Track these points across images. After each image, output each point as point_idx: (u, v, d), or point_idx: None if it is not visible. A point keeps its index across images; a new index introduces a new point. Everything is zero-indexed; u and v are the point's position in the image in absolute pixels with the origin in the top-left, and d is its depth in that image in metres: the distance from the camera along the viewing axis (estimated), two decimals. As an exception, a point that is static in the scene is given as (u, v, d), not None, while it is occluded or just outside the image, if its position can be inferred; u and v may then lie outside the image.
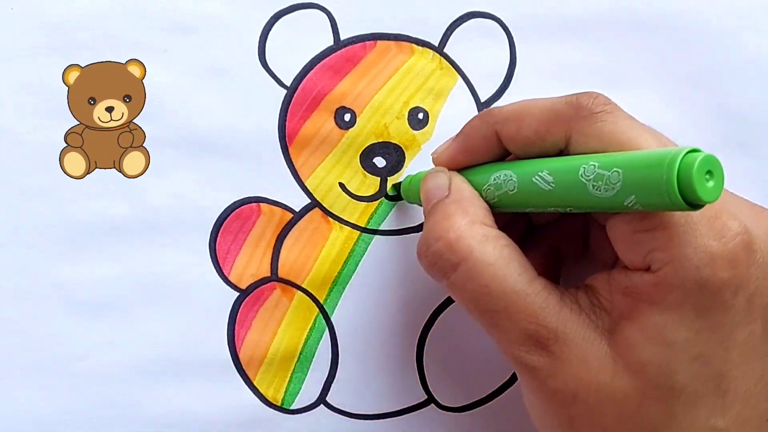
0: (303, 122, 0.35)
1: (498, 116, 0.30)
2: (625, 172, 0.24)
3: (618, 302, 0.26)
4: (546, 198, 0.27)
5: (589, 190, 0.25)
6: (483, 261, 0.27)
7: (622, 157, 0.25)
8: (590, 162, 0.25)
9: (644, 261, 0.25)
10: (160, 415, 0.34)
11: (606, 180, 0.24)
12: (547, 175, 0.27)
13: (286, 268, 0.35)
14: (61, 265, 0.34)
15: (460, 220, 0.28)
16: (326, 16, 0.35)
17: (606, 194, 0.24)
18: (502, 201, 0.29)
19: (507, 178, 0.28)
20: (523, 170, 0.28)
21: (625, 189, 0.24)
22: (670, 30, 0.36)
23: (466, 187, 0.30)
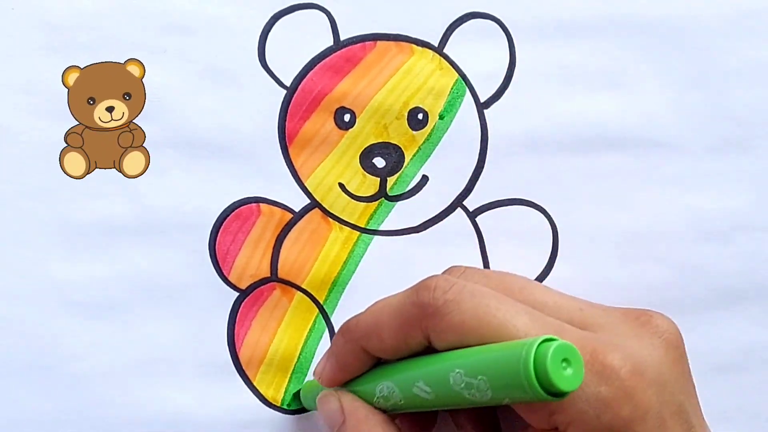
0: (303, 122, 0.35)
1: (357, 332, 0.30)
2: (490, 378, 0.24)
3: None
4: (432, 404, 0.27)
5: (466, 396, 0.25)
6: None
7: (483, 359, 0.24)
8: (456, 370, 0.25)
9: (549, 424, 0.26)
10: (159, 416, 0.34)
11: (476, 387, 0.24)
12: (424, 386, 0.27)
13: (286, 269, 0.35)
14: (60, 265, 0.34)
15: None
16: (326, 16, 0.35)
17: (483, 399, 0.24)
18: (396, 408, 0.29)
19: (390, 390, 0.28)
20: (401, 381, 0.28)
21: (496, 393, 0.24)
22: (669, 31, 0.36)
23: (358, 406, 0.30)
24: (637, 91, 0.36)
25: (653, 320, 0.28)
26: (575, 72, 0.36)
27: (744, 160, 0.36)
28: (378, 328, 0.29)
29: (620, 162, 0.36)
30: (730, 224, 0.36)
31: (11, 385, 0.33)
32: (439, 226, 0.36)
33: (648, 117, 0.36)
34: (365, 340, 0.30)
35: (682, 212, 0.36)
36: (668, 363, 0.27)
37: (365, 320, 0.30)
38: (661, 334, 0.28)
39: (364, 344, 0.30)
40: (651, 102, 0.36)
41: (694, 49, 0.36)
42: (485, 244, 0.36)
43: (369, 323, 0.29)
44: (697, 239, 0.36)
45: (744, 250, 0.36)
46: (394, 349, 0.29)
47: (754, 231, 0.36)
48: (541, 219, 0.36)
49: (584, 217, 0.36)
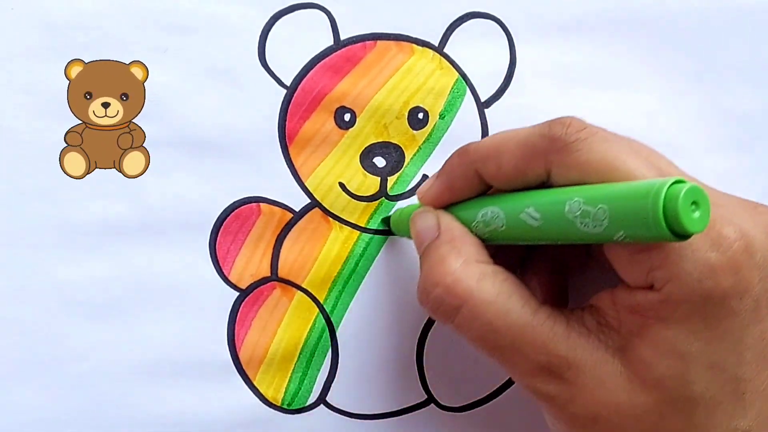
0: (303, 122, 0.35)
1: (476, 155, 0.29)
2: (611, 208, 0.24)
3: (626, 320, 0.26)
4: (536, 234, 0.27)
5: (578, 227, 0.25)
6: (484, 300, 0.27)
7: (606, 191, 0.24)
8: (575, 198, 0.25)
9: (646, 280, 0.25)
10: (160, 415, 0.34)
11: (593, 216, 0.24)
12: (534, 212, 0.26)
13: (286, 268, 0.35)
14: (61, 265, 0.34)
15: (454, 262, 0.28)
16: (326, 16, 0.35)
17: (595, 230, 0.24)
18: (493, 236, 0.29)
19: (494, 215, 0.28)
20: (509, 206, 0.28)
21: (612, 225, 0.24)
22: (669, 30, 0.36)
23: (456, 225, 0.30)
24: (637, 91, 0.36)
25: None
26: (575, 72, 0.36)
27: (744, 159, 0.36)
28: (499, 153, 0.29)
29: (620, 162, 0.36)
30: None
31: (12, 385, 0.33)
32: (439, 225, 0.36)
33: (648, 117, 0.36)
34: (482, 164, 0.29)
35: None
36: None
37: (487, 144, 0.29)
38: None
39: (480, 168, 0.29)
40: (651, 102, 0.36)
41: (694, 48, 0.36)
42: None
43: (490, 147, 0.29)
44: (697, 239, 0.36)
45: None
46: (509, 178, 0.29)
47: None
48: (541, 219, 0.36)
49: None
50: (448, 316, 0.28)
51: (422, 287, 0.29)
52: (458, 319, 0.28)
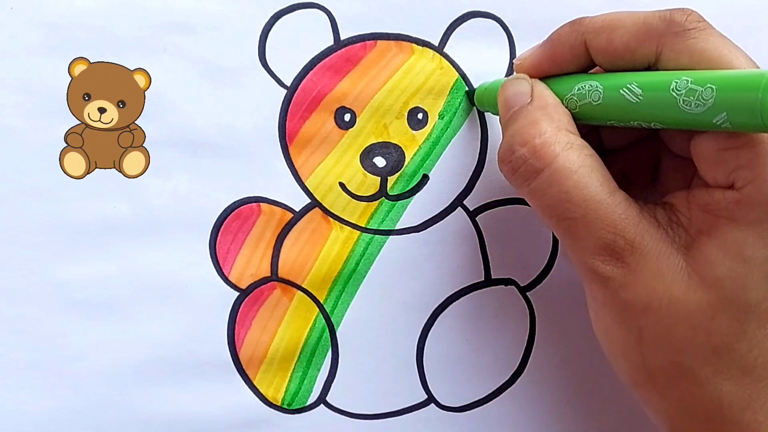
0: (303, 122, 0.35)
1: (589, 26, 0.30)
2: (719, 89, 0.24)
3: (697, 219, 0.27)
4: (631, 111, 0.27)
5: (679, 105, 0.25)
6: (566, 168, 0.27)
7: (716, 74, 0.25)
8: (683, 77, 0.25)
9: (728, 178, 0.26)
10: (159, 416, 0.34)
11: (698, 96, 0.24)
12: (636, 88, 0.27)
13: (286, 268, 0.35)
14: (60, 264, 0.34)
15: (546, 125, 0.28)
16: (326, 16, 0.35)
17: (696, 110, 0.24)
18: (583, 112, 0.29)
19: (592, 88, 0.28)
20: (610, 82, 0.28)
21: (716, 106, 0.24)
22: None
23: (550, 94, 0.30)
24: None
25: None
26: (575, 72, 0.36)
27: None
28: (613, 27, 0.29)
29: (620, 161, 0.36)
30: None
31: (11, 384, 0.33)
32: (439, 225, 0.36)
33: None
34: (593, 35, 0.29)
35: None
36: None
37: (602, 17, 0.29)
38: None
39: (590, 39, 0.29)
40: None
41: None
42: (485, 244, 0.36)
43: (605, 21, 0.29)
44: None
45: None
46: (618, 54, 0.29)
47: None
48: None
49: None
50: (526, 178, 0.28)
51: (507, 146, 0.29)
52: (536, 183, 0.28)
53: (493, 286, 0.36)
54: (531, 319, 0.36)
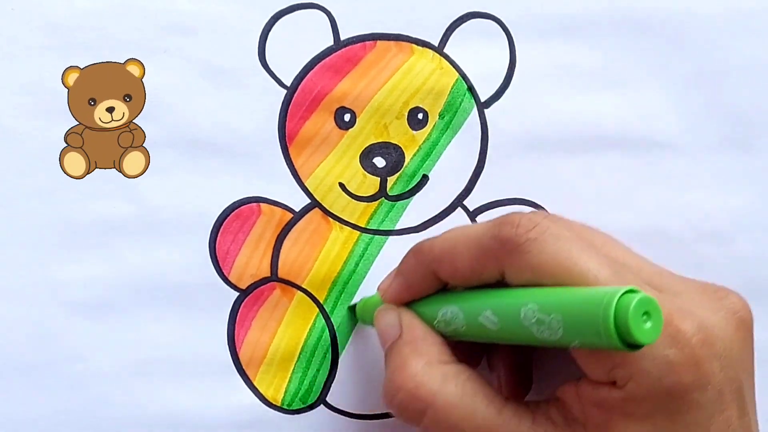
0: (303, 122, 0.35)
1: (430, 255, 0.30)
2: (565, 317, 0.24)
3: (592, 414, 0.26)
4: (496, 335, 0.27)
5: (534, 334, 0.25)
6: (448, 403, 0.27)
7: (559, 299, 0.24)
8: (529, 305, 0.25)
9: (608, 377, 0.25)
10: (159, 416, 0.34)
11: (548, 324, 0.24)
12: (492, 315, 0.27)
13: (286, 268, 0.35)
14: (60, 265, 0.34)
15: (416, 364, 0.28)
16: (326, 16, 0.35)
17: (551, 338, 0.24)
18: (455, 334, 0.29)
19: (454, 315, 0.28)
20: (468, 307, 0.28)
21: (567, 334, 0.24)
22: (669, 30, 0.36)
23: (417, 323, 0.30)
24: (637, 91, 0.36)
25: (729, 297, 0.28)
26: (575, 72, 0.36)
27: (744, 159, 0.36)
28: (452, 254, 0.29)
29: (620, 162, 0.36)
30: (730, 224, 0.36)
31: (11, 385, 0.33)
32: (439, 226, 0.36)
33: (648, 117, 0.36)
34: (437, 264, 0.29)
35: (682, 212, 0.36)
36: (737, 341, 0.27)
37: (440, 245, 0.29)
38: (735, 311, 0.27)
39: (436, 268, 0.29)
40: (651, 102, 0.36)
41: (693, 48, 0.36)
42: (485, 244, 0.36)
43: (444, 248, 0.29)
44: (697, 239, 0.36)
45: (744, 250, 0.36)
46: (465, 278, 0.29)
47: (754, 231, 0.36)
48: (541, 219, 0.36)
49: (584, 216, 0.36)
50: (414, 420, 0.28)
51: (387, 391, 0.29)
52: (425, 422, 0.28)
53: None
54: (531, 320, 0.36)
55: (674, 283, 0.28)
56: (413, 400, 0.28)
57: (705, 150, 0.36)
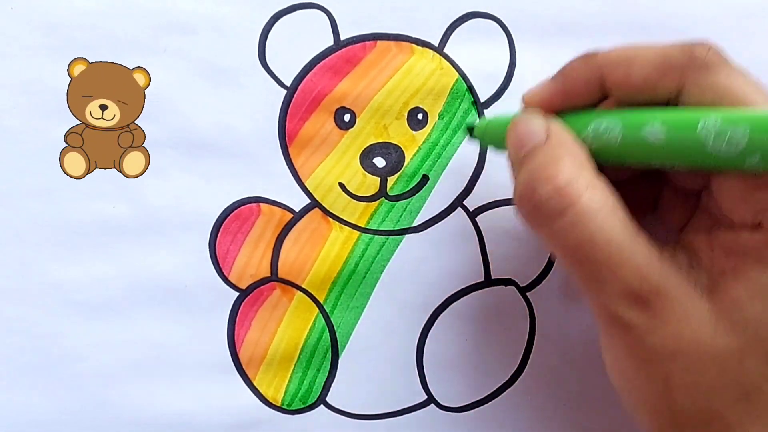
0: (303, 122, 0.35)
1: (605, 59, 0.28)
2: (752, 129, 0.23)
3: (720, 260, 0.26)
4: (653, 152, 0.26)
5: (708, 147, 0.24)
6: (591, 208, 0.26)
7: (747, 113, 0.24)
8: (712, 116, 0.24)
9: (755, 218, 0.25)
10: (159, 416, 0.34)
11: (729, 137, 0.23)
12: (660, 127, 0.25)
13: (286, 268, 0.35)
14: (60, 265, 0.34)
15: (569, 163, 0.27)
16: (326, 16, 0.35)
17: (727, 152, 0.23)
18: (600, 152, 0.27)
19: (610, 127, 0.27)
20: (630, 120, 0.27)
21: (749, 148, 0.23)
22: (669, 31, 0.36)
23: (566, 131, 0.28)
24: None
25: None
26: (575, 72, 0.36)
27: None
28: (630, 60, 0.27)
29: (620, 162, 0.36)
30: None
31: (11, 385, 0.33)
32: (439, 226, 0.36)
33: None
34: (610, 68, 0.28)
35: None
36: None
37: (619, 51, 0.28)
38: None
39: (607, 72, 0.28)
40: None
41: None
42: (485, 244, 0.36)
43: (622, 54, 0.28)
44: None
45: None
46: (637, 89, 0.27)
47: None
48: (541, 219, 0.36)
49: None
50: (549, 218, 0.26)
51: (527, 184, 0.27)
52: (560, 223, 0.26)
53: (493, 286, 0.36)
54: (531, 319, 0.36)
55: None
56: (559, 195, 0.26)
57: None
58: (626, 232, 0.26)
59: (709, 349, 0.25)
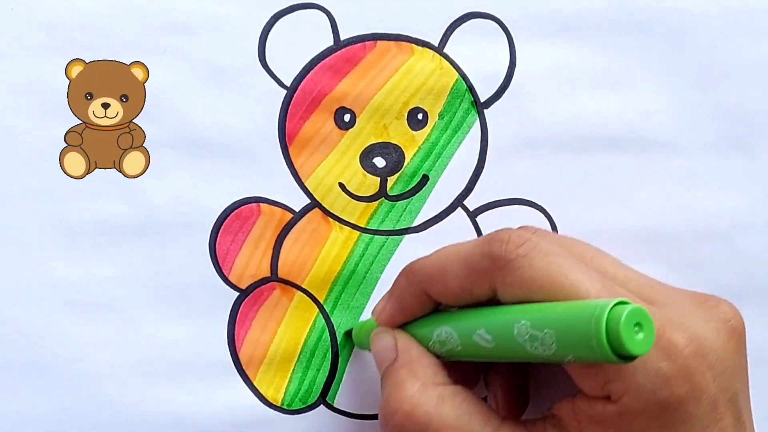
0: (303, 122, 0.35)
1: (421, 275, 0.30)
2: (557, 332, 0.24)
3: (588, 430, 0.26)
4: (490, 353, 0.27)
5: (528, 350, 0.25)
6: (444, 424, 0.27)
7: (551, 314, 0.24)
8: (522, 321, 0.25)
9: (603, 391, 0.25)
10: (159, 416, 0.34)
11: (541, 340, 0.24)
12: (486, 334, 0.27)
13: (286, 268, 0.35)
14: (60, 264, 0.34)
15: (412, 386, 0.28)
16: (326, 16, 0.35)
17: (545, 354, 0.24)
18: (450, 354, 0.29)
19: (448, 335, 0.28)
20: (462, 326, 0.28)
21: (560, 349, 0.24)
22: (669, 30, 0.36)
23: (412, 345, 0.30)
24: (637, 91, 0.36)
25: (720, 306, 0.28)
26: (575, 72, 0.36)
27: (744, 159, 0.36)
28: (443, 273, 0.29)
29: (620, 162, 0.36)
30: (730, 224, 0.36)
31: (11, 385, 0.33)
32: (439, 226, 0.36)
33: (648, 117, 0.36)
34: (428, 284, 0.29)
35: (682, 212, 0.36)
36: (729, 350, 0.27)
37: (430, 264, 0.29)
38: (727, 320, 0.27)
39: (427, 288, 0.29)
40: (651, 102, 0.36)
41: (694, 48, 0.36)
42: (485, 244, 0.36)
43: (434, 268, 0.29)
44: (697, 239, 0.36)
45: (744, 250, 0.36)
46: (457, 297, 0.29)
47: (754, 231, 0.36)
48: (541, 219, 0.36)
49: (584, 216, 0.36)
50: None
51: (383, 414, 0.29)
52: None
53: (493, 286, 0.36)
54: (531, 320, 0.36)
55: (665, 295, 0.28)
56: (409, 422, 0.28)
57: (705, 150, 0.36)
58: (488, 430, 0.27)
59: None
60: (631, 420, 0.25)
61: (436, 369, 0.29)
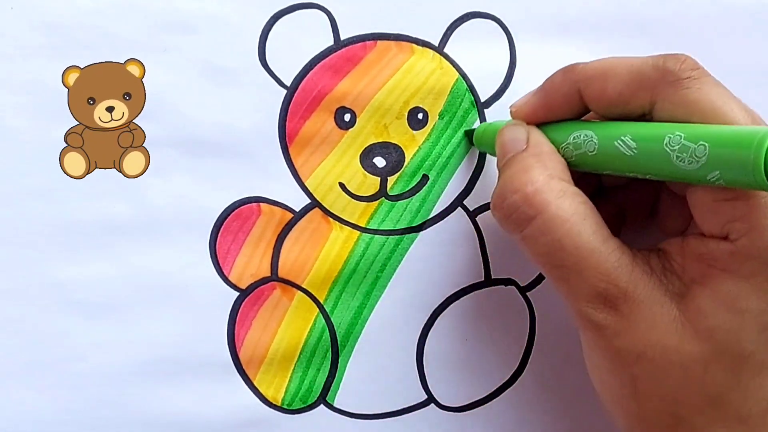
0: (303, 122, 0.35)
1: (582, 74, 0.29)
2: (712, 146, 0.24)
3: (691, 268, 0.26)
4: (626, 163, 0.27)
5: (673, 161, 0.25)
6: (559, 216, 0.27)
7: (709, 130, 0.25)
8: (676, 132, 0.25)
9: (722, 230, 0.26)
10: (159, 416, 0.34)
11: (691, 152, 0.24)
12: (631, 141, 0.27)
13: (286, 268, 0.35)
14: (60, 264, 0.34)
15: (539, 173, 0.28)
16: (326, 16, 0.35)
17: (689, 167, 0.24)
18: (579, 161, 0.29)
19: (587, 138, 0.28)
20: (605, 132, 0.28)
21: (710, 164, 0.24)
22: (669, 30, 0.36)
23: (545, 141, 0.30)
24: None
25: None
26: (575, 72, 0.36)
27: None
28: (606, 76, 0.29)
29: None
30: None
31: (11, 385, 0.33)
32: (439, 225, 0.36)
33: (648, 117, 0.36)
34: (586, 84, 0.29)
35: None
36: None
37: (595, 65, 0.29)
38: None
39: (583, 88, 0.29)
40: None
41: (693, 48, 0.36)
42: (485, 244, 0.36)
43: (598, 69, 0.29)
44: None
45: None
46: (612, 103, 0.29)
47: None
48: (541, 219, 0.36)
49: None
50: (518, 225, 0.28)
51: (500, 192, 0.29)
52: (528, 230, 0.28)
53: (493, 286, 0.36)
54: (531, 319, 0.36)
55: None
56: (527, 204, 0.28)
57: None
58: (595, 238, 0.27)
59: (674, 355, 0.26)
60: (741, 263, 0.25)
61: (564, 168, 0.29)
